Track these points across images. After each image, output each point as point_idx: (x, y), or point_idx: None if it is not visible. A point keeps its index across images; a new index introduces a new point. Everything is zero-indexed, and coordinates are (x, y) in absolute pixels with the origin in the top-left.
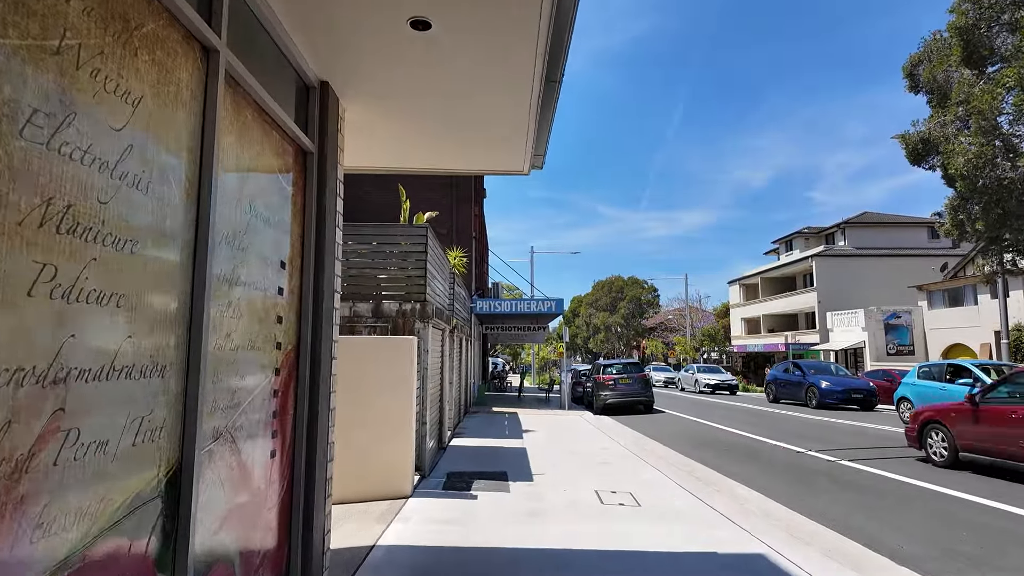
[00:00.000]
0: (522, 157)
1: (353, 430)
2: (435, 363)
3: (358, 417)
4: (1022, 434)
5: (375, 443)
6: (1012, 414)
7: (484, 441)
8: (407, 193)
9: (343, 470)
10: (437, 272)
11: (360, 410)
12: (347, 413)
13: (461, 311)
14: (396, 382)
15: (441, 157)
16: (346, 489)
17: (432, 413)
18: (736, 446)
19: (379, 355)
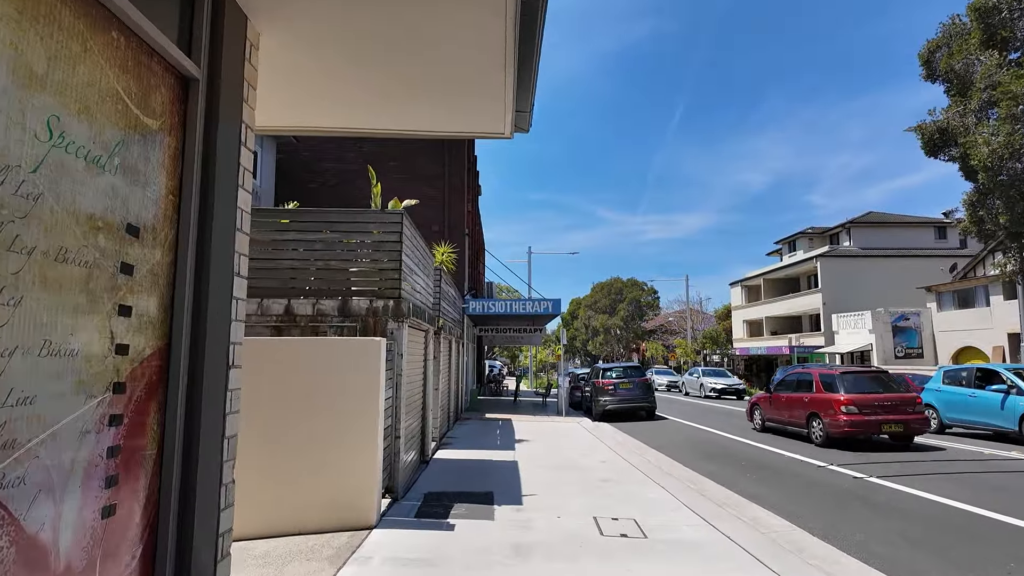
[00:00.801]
0: (501, 114)
1: (306, 448)
2: (415, 368)
3: (309, 433)
4: (789, 411)
5: (332, 464)
6: (784, 400)
7: (472, 453)
8: (391, 186)
9: (294, 496)
10: (416, 266)
11: (312, 424)
12: (296, 428)
13: (450, 311)
14: (359, 391)
15: (399, 115)
16: (298, 518)
17: (410, 424)
18: (749, 459)
19: (336, 360)
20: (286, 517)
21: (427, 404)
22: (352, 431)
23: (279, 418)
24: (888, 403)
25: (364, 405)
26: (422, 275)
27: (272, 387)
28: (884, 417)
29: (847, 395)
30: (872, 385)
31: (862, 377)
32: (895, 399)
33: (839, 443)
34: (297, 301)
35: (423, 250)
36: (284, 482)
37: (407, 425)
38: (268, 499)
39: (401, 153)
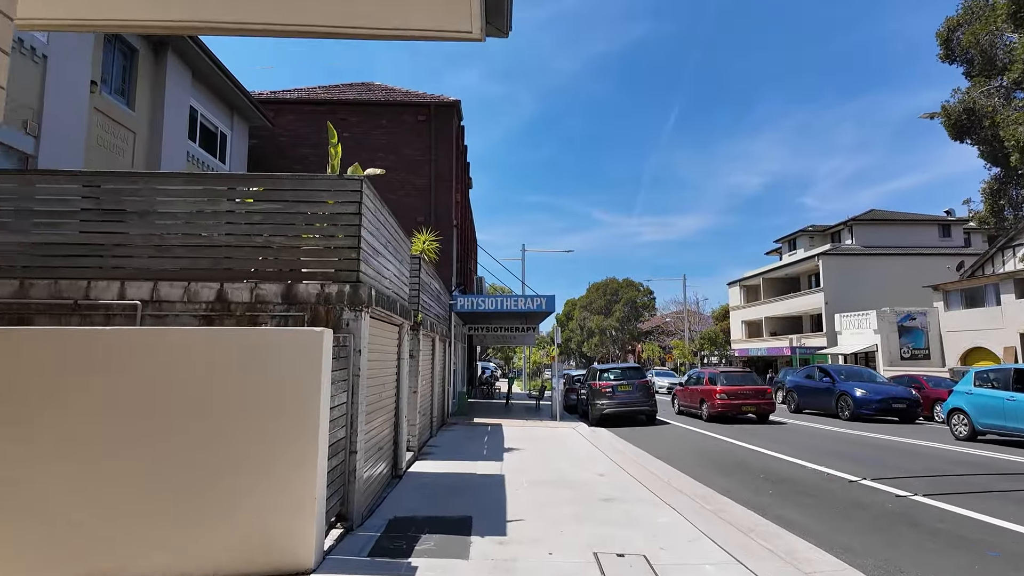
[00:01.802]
0: (467, 3)
1: (211, 477)
2: (383, 367)
3: (213, 456)
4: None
5: (249, 493)
6: (688, 391)
7: (454, 465)
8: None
9: (197, 541)
10: (384, 247)
11: (215, 444)
12: (192, 451)
13: (432, 306)
14: (287, 398)
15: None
16: (205, 568)
17: (375, 434)
18: (768, 471)
19: (253, 359)
20: (189, 568)
21: (401, 410)
22: (279, 449)
23: (168, 438)
24: (748, 393)
25: (296, 416)
26: (392, 259)
27: (151, 396)
28: (745, 402)
29: (721, 387)
30: (740, 380)
31: (734, 375)
32: (753, 390)
33: (716, 419)
34: (232, 286)
35: (394, 229)
36: (183, 524)
37: (369, 436)
38: (163, 546)
39: (385, 138)
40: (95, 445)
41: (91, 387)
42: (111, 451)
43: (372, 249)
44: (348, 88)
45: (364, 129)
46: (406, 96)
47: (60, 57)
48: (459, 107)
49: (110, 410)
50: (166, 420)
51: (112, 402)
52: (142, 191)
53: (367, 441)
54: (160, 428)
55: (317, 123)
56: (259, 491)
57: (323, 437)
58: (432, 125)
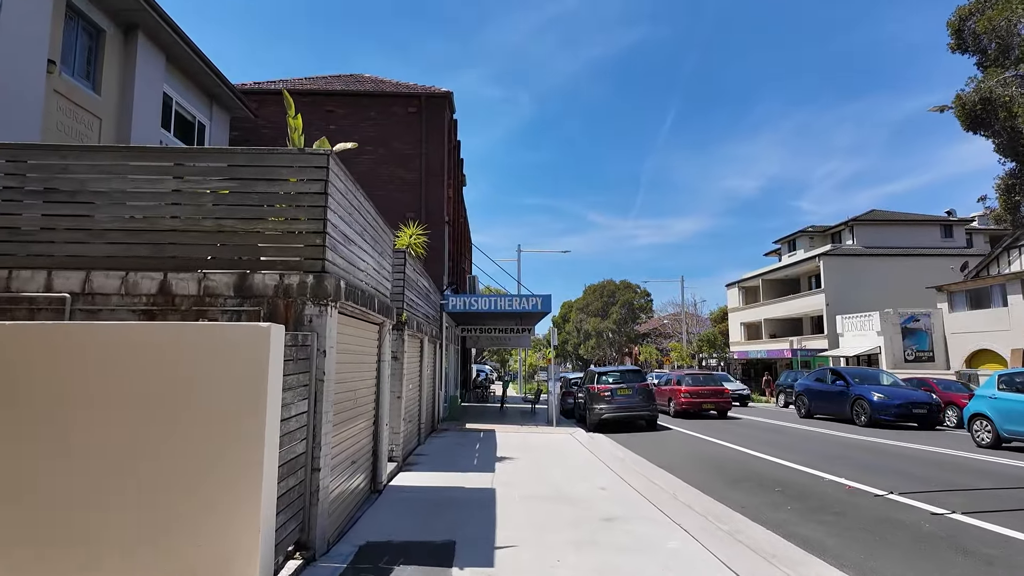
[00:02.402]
0: None
1: (133, 506)
2: (358, 370)
3: (134, 481)
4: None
5: (177, 524)
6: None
7: (441, 477)
8: (362, 167)
9: (109, 566)
10: (358, 234)
11: (136, 467)
12: (108, 477)
13: (420, 304)
14: (224, 408)
15: None
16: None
17: (348, 445)
18: (783, 483)
19: (183, 362)
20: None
21: (381, 417)
22: (214, 469)
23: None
24: (709, 392)
25: (234, 429)
26: (370, 249)
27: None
28: (705, 400)
29: (686, 387)
30: (703, 381)
31: (698, 376)
32: (713, 390)
33: (682, 415)
34: (178, 276)
35: (371, 217)
36: (90, 555)
37: (340, 449)
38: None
39: (373, 131)
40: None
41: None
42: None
43: (342, 236)
44: (336, 79)
45: (352, 121)
46: (396, 87)
47: (10, 30)
48: (451, 99)
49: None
50: (72, 433)
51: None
52: (74, 167)
53: (337, 455)
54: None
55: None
56: (189, 517)
57: (270, 453)
58: (423, 117)
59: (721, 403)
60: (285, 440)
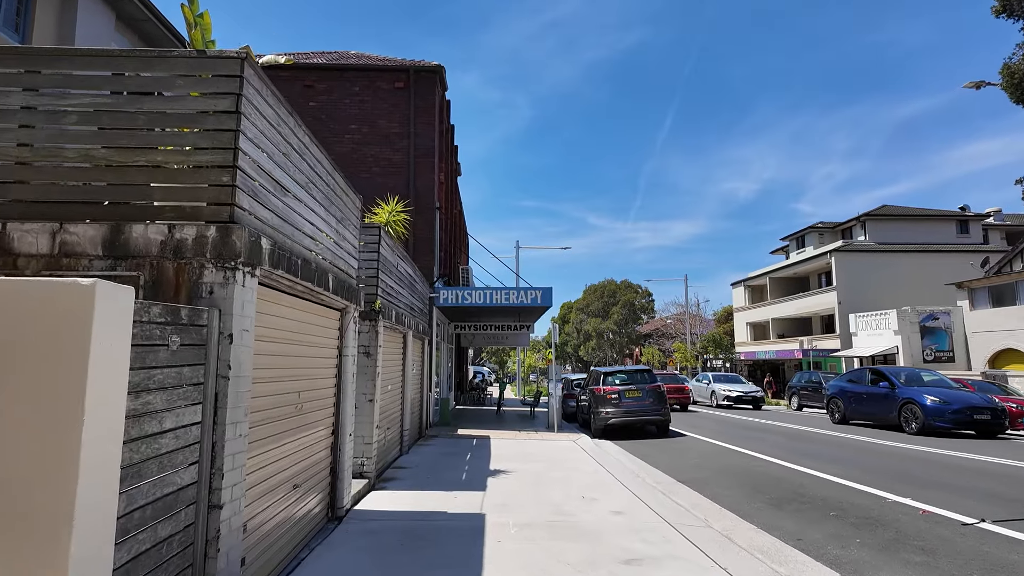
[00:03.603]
0: None
1: None
2: (301, 367)
3: None
4: None
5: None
6: None
7: (421, 498)
8: (345, 148)
9: None
10: (299, 185)
11: None
12: None
13: (401, 293)
14: (29, 418)
15: None
16: None
17: (285, 465)
18: (838, 505)
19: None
20: None
21: (342, 426)
22: None
23: None
24: (673, 389)
25: (37, 453)
26: (321, 211)
27: None
28: (672, 397)
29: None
30: (666, 380)
31: (664, 375)
32: (675, 387)
33: None
34: (22, 228)
35: (321, 167)
36: None
37: (267, 471)
38: None
39: (356, 108)
40: None
41: None
42: None
43: (269, 180)
44: (318, 55)
45: (333, 98)
46: (382, 61)
47: None
48: (443, 74)
49: None
50: None
51: None
52: None
53: (263, 479)
54: None
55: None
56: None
57: (91, 493)
58: (411, 93)
59: (681, 399)
60: (145, 468)
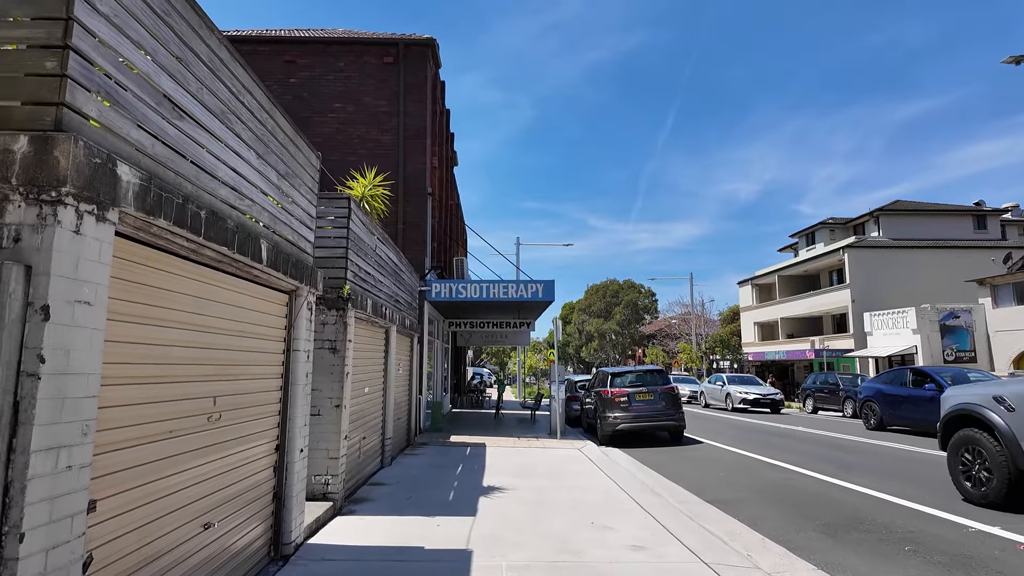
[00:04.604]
0: None
1: None
2: (220, 361)
3: None
4: None
5: None
6: None
7: (394, 528)
8: (330, 127)
9: None
10: (208, 110)
11: None
12: None
13: (380, 281)
14: None
15: None
16: None
17: (178, 502)
18: (909, 534)
19: None
20: None
21: (291, 438)
22: None
23: None
24: None
25: None
26: (248, 151)
27: None
28: None
29: None
30: None
31: None
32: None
33: None
34: None
35: (246, 89)
36: None
37: (130, 516)
38: None
39: (342, 85)
40: None
41: None
42: None
43: (149, 87)
44: (303, 32)
45: (316, 74)
46: (370, 36)
47: None
48: (435, 48)
49: None
50: None
51: None
52: None
53: (143, 523)
54: None
55: (258, 66)
56: None
57: None
58: (401, 68)
59: None
60: None
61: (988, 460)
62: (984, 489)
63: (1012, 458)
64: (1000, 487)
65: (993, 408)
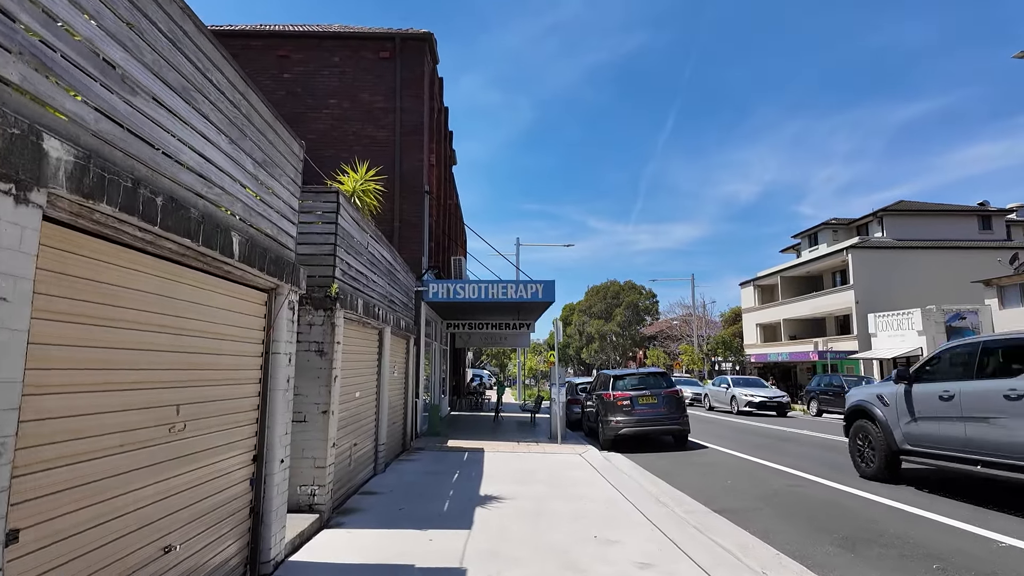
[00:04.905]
0: None
1: None
2: (182, 367)
3: None
4: None
5: None
6: None
7: (384, 542)
8: (325, 123)
9: None
10: (186, 77)
11: None
12: None
13: (375, 281)
14: None
15: None
16: None
17: (134, 523)
18: (932, 550)
19: None
20: None
21: (270, 448)
22: None
23: None
24: None
25: None
26: (217, 135)
27: None
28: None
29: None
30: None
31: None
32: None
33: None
34: None
35: (216, 66)
36: None
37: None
38: None
39: (337, 80)
40: None
41: None
42: None
43: (87, 50)
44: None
45: (311, 69)
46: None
47: None
48: (433, 43)
49: None
50: None
51: None
52: None
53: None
54: None
55: (252, 62)
56: None
57: None
58: (398, 64)
59: None
60: None
61: (873, 443)
62: (871, 466)
63: (887, 441)
64: (880, 463)
65: (876, 404)
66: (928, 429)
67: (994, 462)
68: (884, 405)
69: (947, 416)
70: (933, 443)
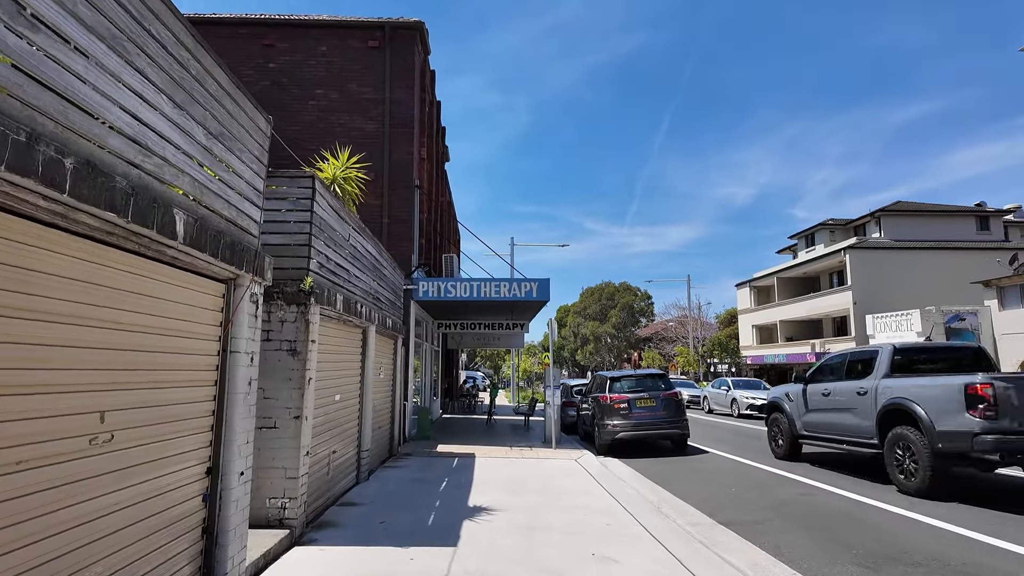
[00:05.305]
0: None
1: None
2: (111, 367)
3: None
4: None
5: None
6: None
7: (359, 563)
8: (313, 115)
9: None
10: (118, 25)
11: None
12: None
13: (357, 276)
14: None
15: None
16: None
17: (32, 556)
18: (965, 569)
19: None
20: None
21: (227, 462)
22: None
23: None
24: None
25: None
26: (159, 97)
27: None
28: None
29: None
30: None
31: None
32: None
33: None
34: None
35: (155, 15)
36: None
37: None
38: None
39: (324, 70)
40: None
41: None
42: None
43: None
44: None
45: (297, 59)
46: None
47: None
48: (424, 32)
49: None
50: None
51: None
52: None
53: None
54: None
55: (236, 51)
56: None
57: None
58: (388, 53)
59: None
60: None
61: (782, 431)
62: (781, 450)
63: (791, 429)
64: (787, 447)
65: (785, 400)
66: (816, 419)
67: (852, 441)
68: (790, 401)
69: (826, 408)
70: (819, 429)
